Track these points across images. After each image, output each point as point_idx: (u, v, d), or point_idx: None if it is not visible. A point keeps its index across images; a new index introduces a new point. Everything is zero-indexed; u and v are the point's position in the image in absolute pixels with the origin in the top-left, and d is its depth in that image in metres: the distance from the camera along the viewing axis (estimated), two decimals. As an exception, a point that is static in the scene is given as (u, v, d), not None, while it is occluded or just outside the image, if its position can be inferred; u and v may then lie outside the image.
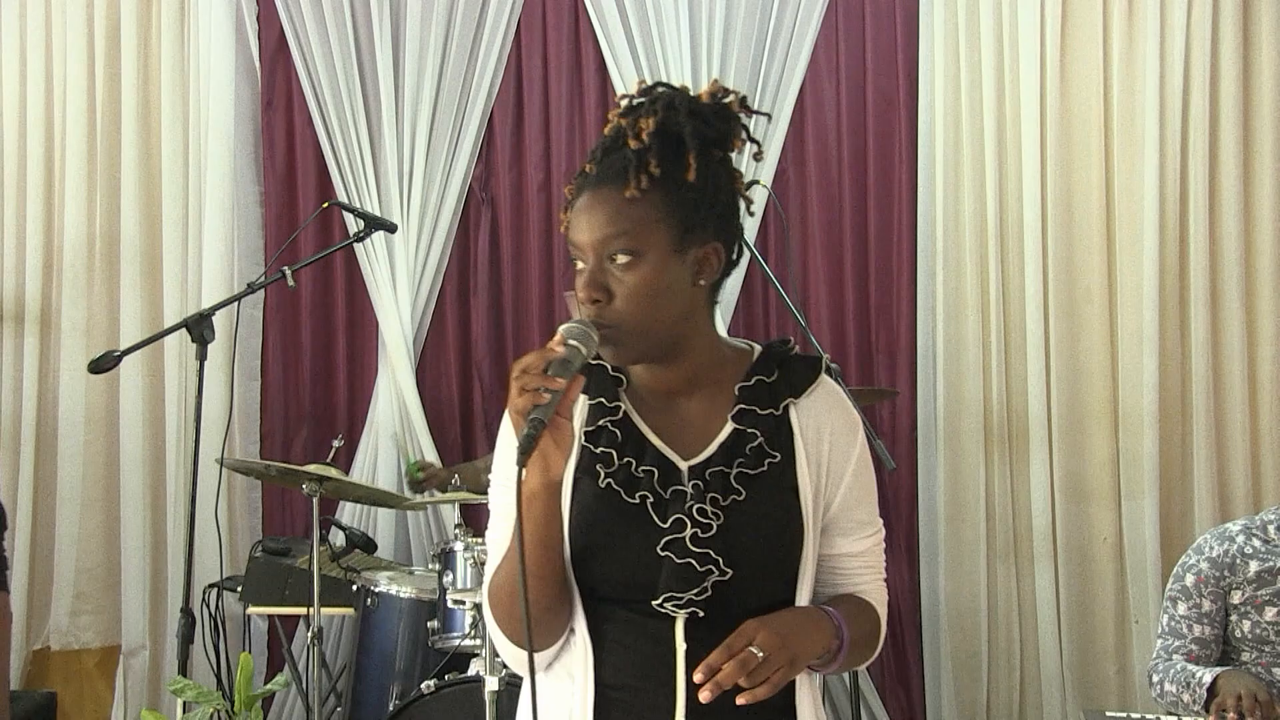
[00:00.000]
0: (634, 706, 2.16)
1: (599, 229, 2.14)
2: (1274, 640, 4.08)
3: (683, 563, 2.13)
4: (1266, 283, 5.99)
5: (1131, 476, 6.06)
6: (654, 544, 2.14)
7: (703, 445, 2.24)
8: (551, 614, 2.14)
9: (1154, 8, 5.98)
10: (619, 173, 2.14)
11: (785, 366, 2.30)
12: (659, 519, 2.16)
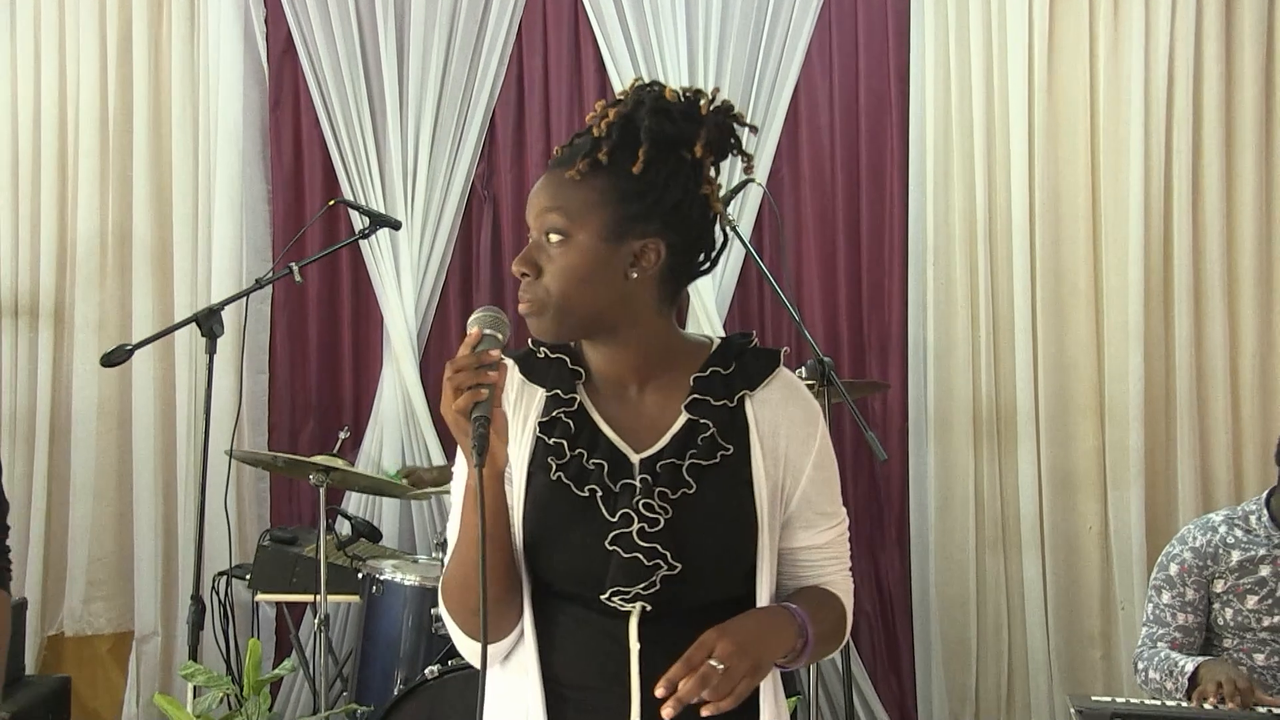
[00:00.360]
0: (587, 704, 2.13)
1: (539, 205, 2.16)
2: (1255, 627, 4.10)
3: (630, 557, 2.10)
4: (1248, 279, 5.98)
5: (1117, 467, 6.05)
6: (603, 538, 2.12)
7: (655, 437, 2.21)
8: (504, 605, 2.10)
9: (1139, 12, 5.97)
10: (570, 157, 2.15)
11: (742, 359, 2.27)
12: (608, 512, 2.13)
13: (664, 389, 2.24)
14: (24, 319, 6.29)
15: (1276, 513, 4.13)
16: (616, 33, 6.09)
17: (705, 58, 6.08)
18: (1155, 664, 4.08)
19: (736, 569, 2.19)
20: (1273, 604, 4.11)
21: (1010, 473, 6.13)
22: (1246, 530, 4.19)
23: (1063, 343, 6.11)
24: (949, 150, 6.14)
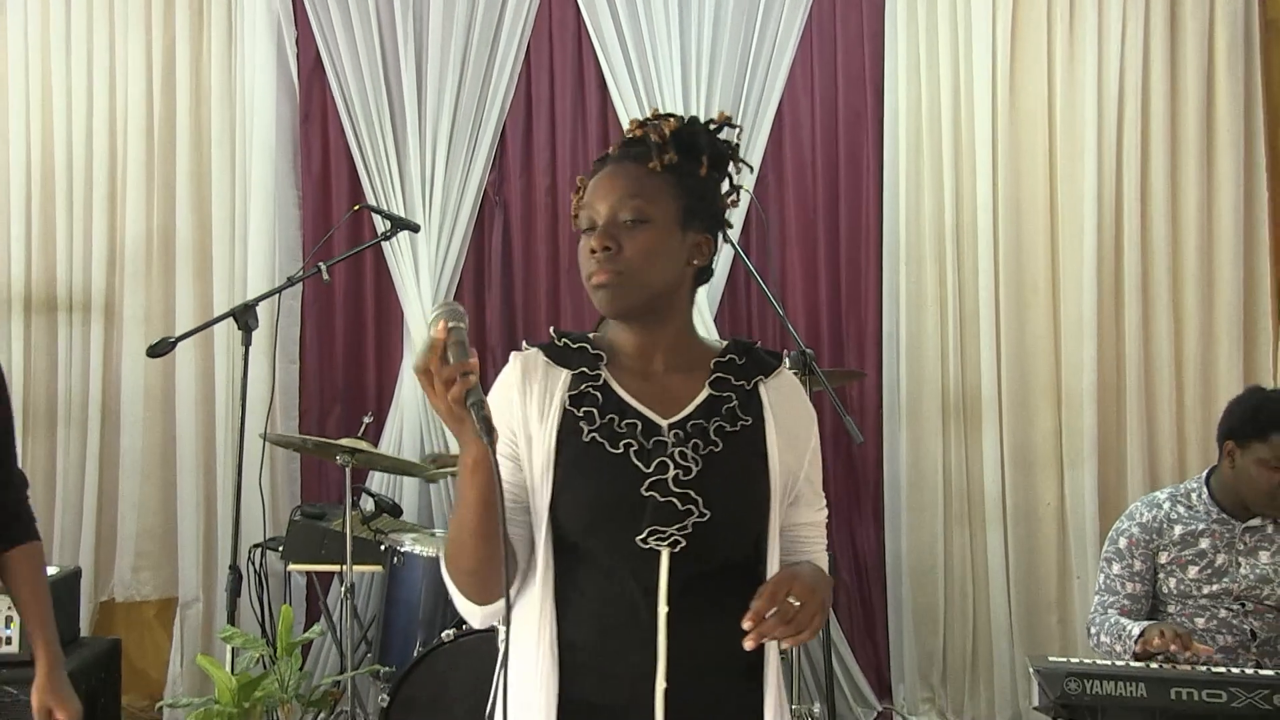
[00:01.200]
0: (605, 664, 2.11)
1: (619, 191, 2.18)
2: (1195, 595, 4.10)
3: (665, 500, 2.11)
4: (1191, 276, 5.99)
5: (1072, 448, 6.07)
6: (638, 486, 2.12)
7: (680, 408, 2.23)
8: (494, 567, 2.02)
9: (1092, 34, 6.00)
10: (642, 153, 2.20)
11: (752, 353, 2.34)
12: (643, 465, 2.13)
13: (685, 371, 2.26)
14: (78, 313, 6.29)
15: (1215, 490, 4.14)
16: (617, 53, 6.10)
17: (698, 76, 6.08)
18: (1106, 629, 4.08)
19: (752, 529, 2.20)
20: (1212, 573, 4.11)
21: (975, 453, 6.15)
22: (1188, 506, 4.20)
23: (1023, 334, 6.12)
24: (920, 160, 6.15)
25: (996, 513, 6.10)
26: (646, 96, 6.09)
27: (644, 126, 2.22)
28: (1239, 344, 5.97)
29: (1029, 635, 6.07)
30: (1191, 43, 5.98)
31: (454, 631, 4.43)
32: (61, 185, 6.28)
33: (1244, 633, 4.06)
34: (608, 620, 2.09)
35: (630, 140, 2.24)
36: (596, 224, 2.18)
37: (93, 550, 6.24)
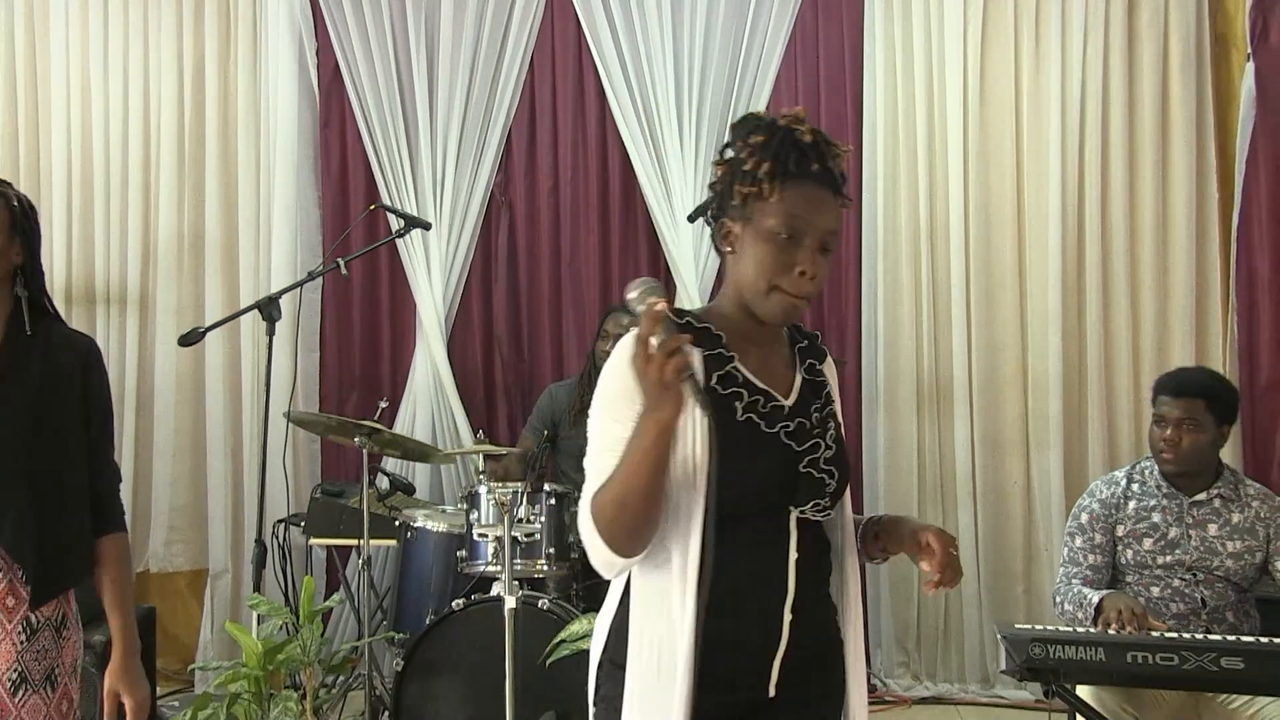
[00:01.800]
0: (745, 611, 2.16)
1: (827, 225, 2.16)
2: (1151, 565, 4.12)
3: (819, 476, 2.22)
4: (1147, 272, 6.01)
5: (1038, 432, 6.08)
6: (795, 464, 2.20)
7: (787, 388, 2.28)
8: (652, 525, 2.11)
9: (1056, 47, 6.02)
10: (834, 185, 2.17)
11: (808, 338, 2.42)
12: (795, 443, 2.20)
13: (777, 352, 2.33)
14: (114, 306, 6.30)
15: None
16: (614, 63, 6.10)
17: (690, 86, 6.09)
18: (1069, 598, 4.10)
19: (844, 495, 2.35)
20: (1165, 545, 4.12)
21: (947, 436, 6.15)
22: (1142, 484, 4.22)
23: (992, 326, 6.12)
24: (896, 163, 6.15)
25: (967, 491, 6.11)
26: (642, 104, 6.09)
27: (818, 140, 2.17)
28: (1191, 334, 5.99)
29: (997, 604, 6.08)
30: (1148, 57, 5.99)
31: (463, 601, 4.45)
32: (99, 187, 6.30)
33: (1195, 600, 4.07)
34: (752, 568, 2.13)
35: (824, 154, 2.17)
36: (800, 236, 2.14)
37: (129, 525, 6.09)
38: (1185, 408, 4.08)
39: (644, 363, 1.96)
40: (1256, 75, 5.95)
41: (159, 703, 4.93)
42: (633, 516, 2.08)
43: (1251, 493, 4.17)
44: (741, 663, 2.17)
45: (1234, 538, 4.09)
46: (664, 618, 2.16)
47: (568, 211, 6.29)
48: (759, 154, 2.16)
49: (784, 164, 2.14)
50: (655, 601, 2.19)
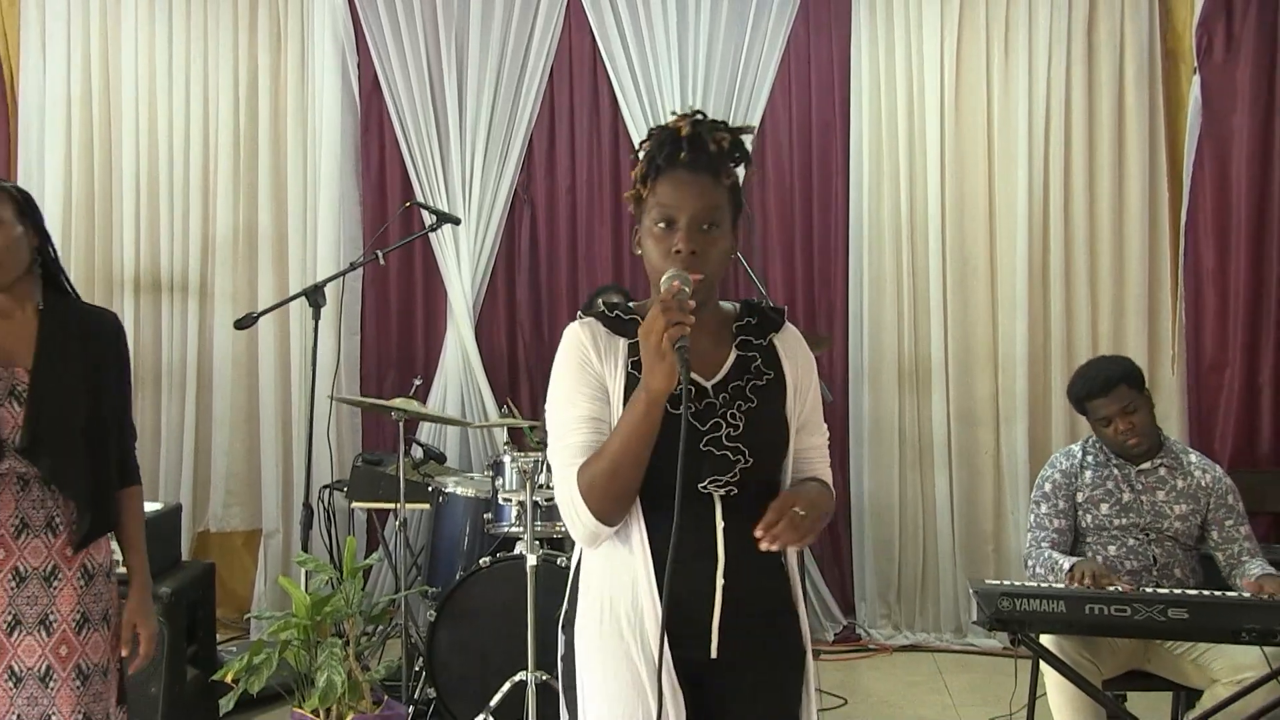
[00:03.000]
0: (680, 576, 2.07)
1: (699, 201, 2.14)
2: (1108, 527, 4.13)
3: (720, 454, 2.15)
4: (1105, 264, 5.99)
5: (1007, 406, 6.08)
6: (698, 441, 2.13)
7: (716, 369, 2.24)
8: (632, 498, 2.14)
9: (1024, 62, 6.00)
10: (709, 166, 2.15)
11: (761, 313, 2.33)
12: (699, 424, 2.14)
13: (713, 334, 2.26)
14: (178, 293, 6.31)
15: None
16: (626, 75, 6.10)
17: (694, 95, 6.08)
18: (1041, 561, 4.10)
19: (781, 460, 2.26)
20: (1120, 509, 4.12)
21: (925, 410, 6.15)
22: (1096, 456, 4.22)
23: (966, 311, 6.12)
24: (880, 164, 6.14)
25: (944, 460, 6.10)
26: (651, 111, 6.08)
27: (699, 129, 2.16)
28: (1144, 319, 5.97)
29: (969, 562, 6.08)
30: (1105, 70, 5.97)
31: (489, 559, 4.46)
32: (164, 187, 6.30)
33: (1148, 558, 4.08)
34: (683, 536, 2.05)
35: (694, 144, 2.15)
36: (674, 221, 2.14)
37: (191, 489, 6.28)
38: (1118, 397, 4.12)
39: (652, 328, 1.98)
40: (1202, 87, 5.92)
41: (219, 648, 4.94)
42: (623, 484, 2.10)
43: (1194, 461, 4.19)
44: (687, 624, 2.13)
45: (1179, 502, 4.11)
46: (611, 582, 2.18)
47: (583, 208, 6.28)
48: (639, 161, 2.22)
49: (653, 162, 2.17)
50: (600, 568, 2.20)
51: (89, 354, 2.79)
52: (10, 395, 2.68)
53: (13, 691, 2.69)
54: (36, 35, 6.28)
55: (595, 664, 2.18)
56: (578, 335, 2.24)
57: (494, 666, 4.34)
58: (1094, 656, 3.89)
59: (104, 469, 2.79)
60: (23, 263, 2.76)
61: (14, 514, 2.70)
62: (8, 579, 2.70)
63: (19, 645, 2.70)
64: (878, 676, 5.58)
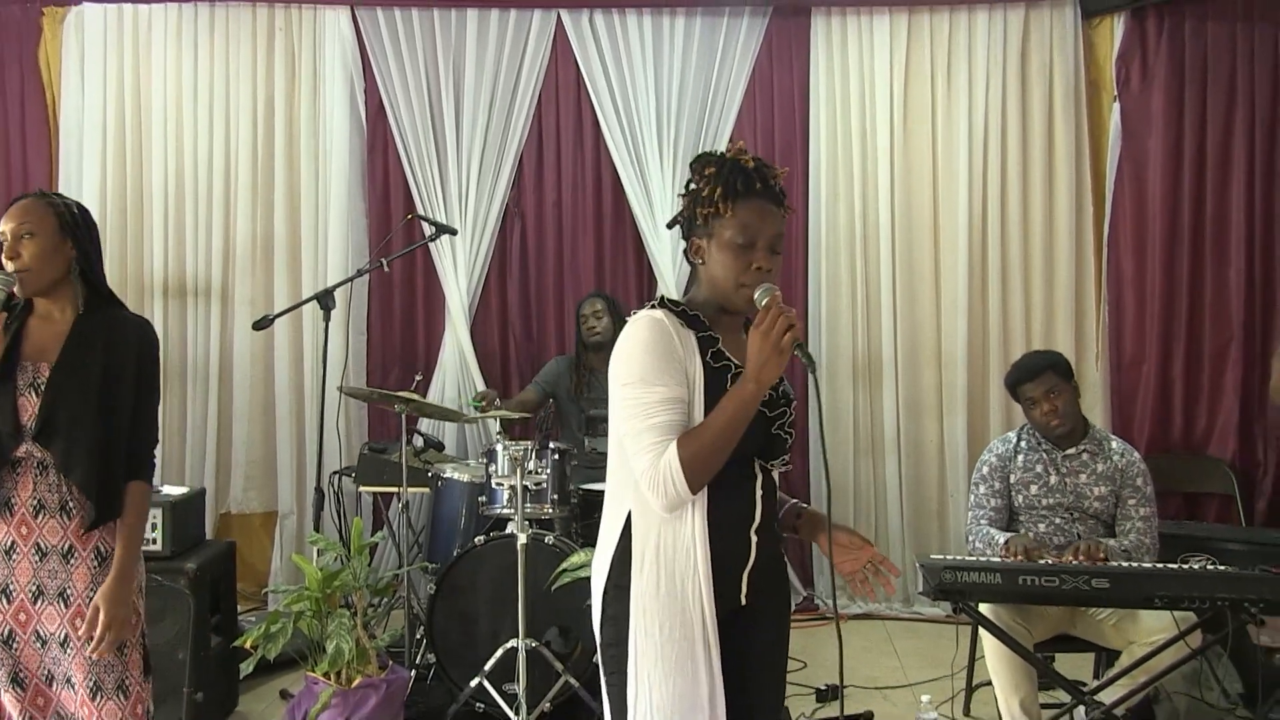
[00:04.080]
0: (727, 537, 2.22)
1: (773, 229, 2.27)
2: (1037, 506, 4.17)
3: (785, 436, 2.32)
4: (1037, 271, 6.05)
5: (949, 399, 6.12)
6: (767, 428, 2.27)
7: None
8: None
9: (964, 90, 6.07)
10: (776, 198, 2.29)
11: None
12: (768, 410, 2.27)
13: (739, 340, 2.33)
14: (201, 297, 6.28)
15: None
16: (607, 102, 6.11)
17: (668, 118, 6.09)
18: (980, 536, 4.13)
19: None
20: (1048, 490, 4.16)
21: (877, 403, 6.18)
22: (1028, 442, 4.26)
23: (913, 312, 6.15)
24: (836, 181, 6.16)
25: (893, 447, 6.14)
26: (629, 133, 6.09)
27: (759, 164, 2.30)
28: (1072, 320, 6.04)
29: (916, 539, 6.12)
30: (1037, 97, 6.03)
31: (483, 538, 4.47)
32: (190, 201, 6.27)
33: (1072, 534, 4.12)
34: (732, 505, 2.20)
35: (762, 175, 2.28)
36: (754, 242, 2.24)
37: (214, 475, 6.25)
38: (1044, 381, 4.19)
39: (767, 331, 2.10)
40: (1121, 113, 6.02)
41: (239, 618, 4.94)
42: (720, 460, 2.16)
43: (1115, 447, 4.23)
44: (726, 577, 2.23)
45: (1099, 484, 4.15)
46: (668, 544, 2.22)
47: (569, 220, 6.28)
48: (713, 181, 2.26)
49: (733, 186, 2.24)
50: (657, 531, 2.22)
51: (111, 357, 2.79)
52: (31, 387, 2.73)
53: (40, 651, 2.77)
54: (76, 64, 6.25)
55: (653, 622, 2.21)
56: (664, 324, 2.23)
57: (488, 634, 4.35)
58: (1026, 622, 3.93)
59: (113, 462, 2.78)
60: (53, 273, 2.80)
61: (32, 495, 2.74)
62: (31, 553, 2.75)
63: (41, 613, 2.75)
64: (834, 643, 5.56)
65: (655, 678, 2.20)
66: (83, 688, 2.74)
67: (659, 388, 2.18)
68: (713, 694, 2.19)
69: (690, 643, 2.18)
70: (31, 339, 2.79)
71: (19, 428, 2.71)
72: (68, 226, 2.82)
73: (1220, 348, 5.91)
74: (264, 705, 4.74)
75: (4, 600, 2.75)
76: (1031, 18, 6.04)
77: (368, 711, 4.14)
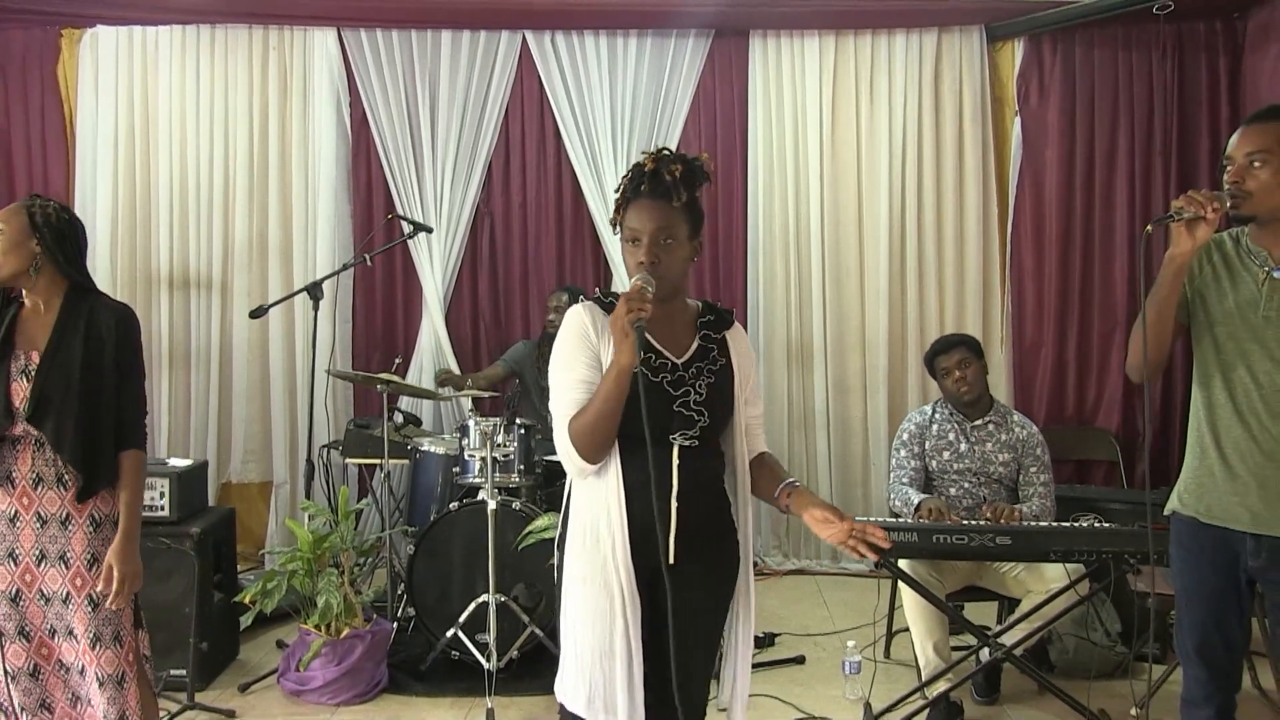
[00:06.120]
0: (645, 503, 2.18)
1: (656, 222, 2.22)
2: (949, 471, 4.22)
3: (687, 414, 2.26)
4: (949, 265, 6.08)
5: (872, 380, 6.13)
6: (671, 403, 2.25)
7: (683, 351, 2.32)
8: (611, 443, 2.20)
9: (885, 103, 6.07)
10: (665, 193, 2.22)
11: (718, 314, 2.42)
12: (672, 389, 2.26)
13: (681, 324, 2.35)
14: (204, 290, 6.20)
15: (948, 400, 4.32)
16: (567, 113, 6.08)
17: (621, 129, 6.06)
18: (898, 495, 4.16)
19: (726, 425, 2.35)
20: (957, 456, 4.19)
21: (809, 383, 6.18)
22: (941, 414, 4.29)
23: (840, 303, 6.15)
24: (771, 185, 6.16)
25: (823, 423, 6.15)
26: (587, 141, 6.06)
27: (659, 164, 2.24)
28: (980, 308, 6.07)
29: (843, 502, 6.11)
30: (948, 111, 6.06)
31: (457, 504, 4.44)
32: (193, 203, 6.19)
33: (979, 497, 4.16)
34: (649, 472, 2.14)
35: (655, 176, 2.23)
36: (639, 239, 2.22)
37: (215, 449, 6.20)
38: (956, 354, 4.26)
39: (616, 316, 2.08)
40: (1021, 126, 6.08)
41: (239, 576, 4.89)
42: (602, 434, 2.17)
43: (1017, 420, 4.27)
44: (648, 537, 2.20)
45: (1002, 451, 4.19)
46: (592, 508, 2.24)
47: (533, 220, 6.25)
48: (619, 188, 2.30)
49: (627, 192, 2.27)
50: (584, 495, 2.26)
51: (90, 343, 2.80)
52: (22, 373, 2.77)
53: (44, 608, 2.80)
54: (91, 80, 6.16)
55: (578, 573, 2.25)
56: (580, 314, 2.29)
57: (462, 590, 4.34)
58: (939, 575, 3.96)
59: (100, 435, 2.80)
60: (13, 265, 2.80)
61: (31, 469, 2.77)
62: (33, 520, 2.78)
63: (45, 574, 2.78)
64: (771, 595, 5.62)
65: (580, 624, 2.23)
66: (83, 638, 2.77)
67: (570, 372, 2.25)
68: (629, 642, 2.19)
69: (610, 596, 2.19)
70: (23, 330, 2.83)
71: (12, 410, 2.74)
72: (36, 227, 2.82)
73: (1107, 333, 6.00)
74: (262, 654, 4.70)
75: (11, 563, 2.78)
76: (944, 41, 6.05)
77: (354, 659, 4.13)
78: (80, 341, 2.79)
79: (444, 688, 4.25)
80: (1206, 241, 2.47)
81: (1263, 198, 2.45)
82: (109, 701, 2.78)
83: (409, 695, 4.22)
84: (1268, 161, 2.43)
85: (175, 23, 6.17)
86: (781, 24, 6.09)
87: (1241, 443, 2.52)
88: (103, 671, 2.77)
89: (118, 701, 2.79)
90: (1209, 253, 2.62)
